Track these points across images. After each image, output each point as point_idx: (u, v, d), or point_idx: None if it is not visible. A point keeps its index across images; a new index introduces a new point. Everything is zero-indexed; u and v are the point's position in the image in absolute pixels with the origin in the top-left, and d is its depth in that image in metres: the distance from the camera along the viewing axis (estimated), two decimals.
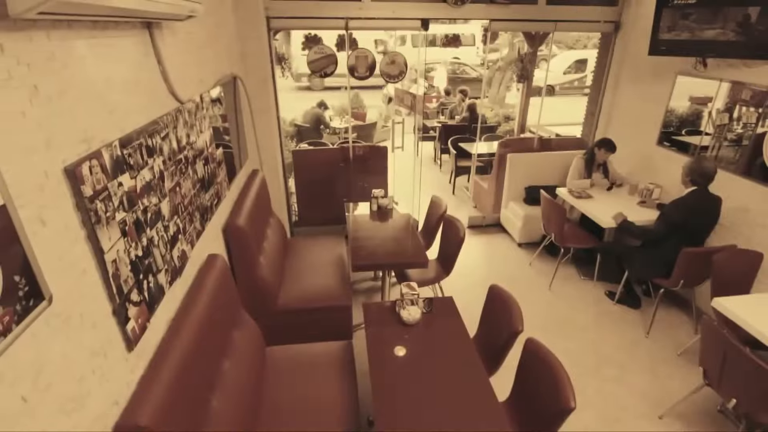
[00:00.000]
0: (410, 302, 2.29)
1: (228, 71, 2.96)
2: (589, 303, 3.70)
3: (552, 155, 4.55)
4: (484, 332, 2.45)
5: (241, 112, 3.26)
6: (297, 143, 6.39)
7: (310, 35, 4.22)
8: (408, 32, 16.44)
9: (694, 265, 2.99)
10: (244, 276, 2.70)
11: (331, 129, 7.15)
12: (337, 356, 2.46)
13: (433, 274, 3.26)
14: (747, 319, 2.29)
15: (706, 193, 3.04)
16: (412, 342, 2.16)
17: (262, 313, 2.79)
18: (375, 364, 2.01)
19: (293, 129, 6.99)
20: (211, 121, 2.45)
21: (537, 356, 1.94)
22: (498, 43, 13.17)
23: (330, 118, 7.35)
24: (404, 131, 7.98)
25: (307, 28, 3.91)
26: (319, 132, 7.05)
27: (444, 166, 7.24)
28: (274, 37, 5.52)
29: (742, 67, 3.01)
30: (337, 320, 2.89)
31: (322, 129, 7.13)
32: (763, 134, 2.89)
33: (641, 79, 4.00)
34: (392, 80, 4.01)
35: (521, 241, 4.53)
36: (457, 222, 3.16)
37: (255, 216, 2.95)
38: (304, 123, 7.10)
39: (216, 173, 2.46)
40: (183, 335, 1.69)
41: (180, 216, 1.88)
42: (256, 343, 2.33)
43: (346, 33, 3.79)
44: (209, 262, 2.14)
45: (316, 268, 3.25)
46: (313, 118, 7.06)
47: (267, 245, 3.05)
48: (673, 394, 2.78)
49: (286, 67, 6.03)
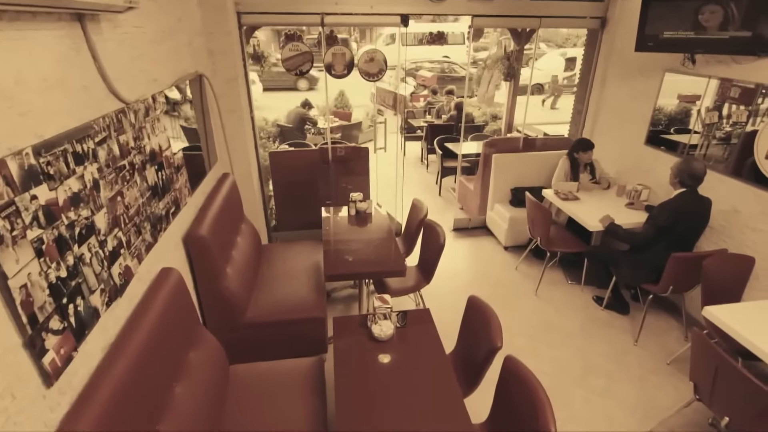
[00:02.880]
0: (383, 316, 2.13)
1: (192, 69, 2.79)
2: (577, 308, 3.58)
3: (538, 155, 4.42)
4: (463, 347, 2.30)
5: (208, 112, 3.08)
6: (280, 144, 6.21)
7: (290, 32, 4.04)
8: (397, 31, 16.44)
9: (683, 271, 2.87)
10: (208, 289, 2.53)
11: (316, 129, 6.98)
12: (307, 374, 2.29)
13: (412, 282, 3.10)
14: (739, 329, 2.16)
15: (696, 195, 2.92)
16: (383, 360, 2.00)
17: (228, 328, 2.63)
18: (341, 386, 1.86)
19: (276, 130, 6.80)
20: (168, 123, 2.27)
21: (516, 376, 1.79)
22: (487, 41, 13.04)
23: (314, 116, 7.18)
24: (387, 131, 7.81)
25: (282, 25, 3.75)
26: (303, 132, 6.87)
27: (431, 166, 7.10)
28: (253, 35, 5.35)
29: (732, 63, 2.89)
30: (310, 333, 2.73)
31: (307, 129, 6.95)
32: (754, 133, 2.78)
33: (629, 76, 3.88)
34: (371, 78, 3.85)
35: (507, 244, 4.40)
36: (437, 227, 3.01)
37: (222, 223, 2.78)
38: (287, 123, 6.91)
39: (174, 179, 2.29)
40: (123, 362, 1.52)
41: (123, 228, 1.71)
42: (217, 363, 2.16)
43: (322, 29, 3.63)
44: (162, 277, 1.97)
45: (290, 277, 3.08)
46: (296, 118, 6.88)
47: (236, 254, 2.88)
48: (662, 406, 2.65)
49: (266, 67, 5.86)
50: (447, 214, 5.05)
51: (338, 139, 7.12)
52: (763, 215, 2.77)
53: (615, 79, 4.08)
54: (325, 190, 4.36)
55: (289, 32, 4.04)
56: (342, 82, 9.03)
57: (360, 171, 4.48)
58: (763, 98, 2.73)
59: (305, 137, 6.71)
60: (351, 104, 8.51)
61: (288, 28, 4.13)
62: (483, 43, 14.74)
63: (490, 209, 4.63)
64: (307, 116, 6.84)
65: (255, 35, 5.61)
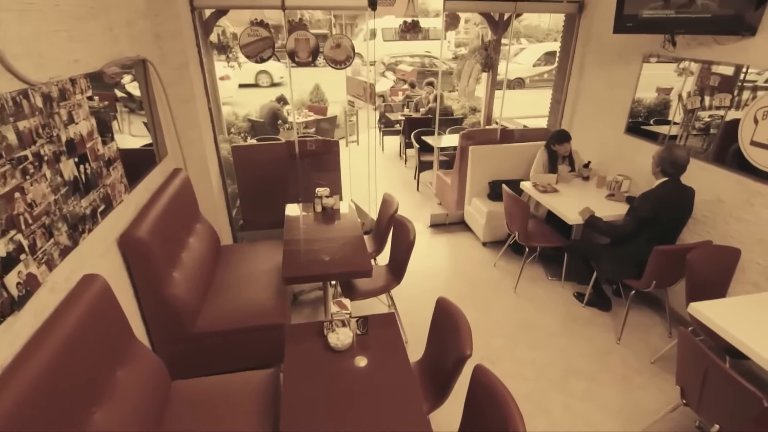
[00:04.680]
0: (341, 323, 1.91)
1: (132, 53, 2.51)
2: (558, 305, 3.41)
3: (516, 147, 4.25)
4: (431, 354, 2.10)
5: (155, 101, 2.81)
6: (251, 140, 5.92)
7: (255, 20, 3.77)
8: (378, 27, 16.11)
9: (666, 265, 2.72)
10: (150, 297, 2.27)
11: (289, 124, 6.70)
12: (261, 389, 2.07)
13: (382, 283, 2.89)
14: (726, 326, 2.00)
15: (679, 185, 2.76)
16: (340, 373, 1.78)
17: (175, 339, 2.38)
18: (289, 404, 1.63)
19: (247, 125, 6.50)
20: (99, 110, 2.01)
21: (486, 388, 1.59)
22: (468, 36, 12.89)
23: (288, 113, 6.89)
24: (359, 124, 7.59)
25: (239, 8, 3.48)
26: (276, 128, 6.58)
27: (410, 161, 6.91)
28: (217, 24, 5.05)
29: (714, 44, 2.74)
30: (269, 342, 2.49)
31: (280, 124, 6.66)
32: (734, 122, 2.64)
33: (607, 62, 3.72)
34: (338, 66, 3.61)
35: (486, 240, 4.21)
36: (407, 222, 2.80)
37: (169, 223, 2.52)
38: (260, 118, 6.62)
39: (103, 173, 2.02)
40: (18, 389, 1.27)
41: (24, 230, 1.45)
42: (154, 381, 1.92)
43: (284, 13, 3.37)
44: (83, 286, 1.71)
45: (249, 280, 2.83)
46: (269, 113, 6.59)
47: (187, 257, 2.62)
48: (647, 409, 2.49)
49: (232, 57, 5.56)
50: (425, 210, 4.84)
51: (313, 134, 6.86)
52: (747, 204, 2.63)
53: (593, 66, 3.93)
54: (294, 187, 4.11)
55: (256, 20, 3.78)
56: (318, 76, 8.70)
57: (331, 166, 4.25)
58: (743, 83, 2.59)
59: (278, 133, 6.43)
60: (327, 99, 8.23)
61: (255, 17, 3.87)
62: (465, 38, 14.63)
63: (468, 204, 4.44)
64: (280, 111, 6.56)
65: (220, 24, 5.33)
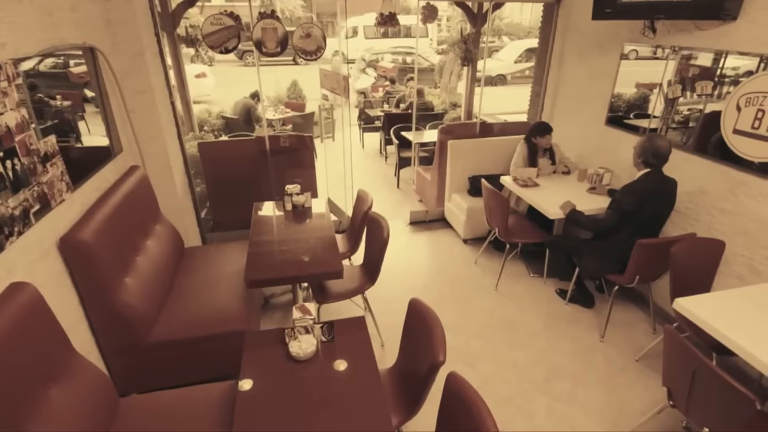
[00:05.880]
0: (303, 330, 1.75)
1: (77, 39, 2.31)
2: (540, 303, 3.30)
3: (496, 141, 4.14)
4: (404, 361, 1.95)
5: (107, 93, 2.61)
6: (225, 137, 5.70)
7: (226, 12, 3.57)
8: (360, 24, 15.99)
9: (650, 259, 2.62)
10: (97, 305, 2.08)
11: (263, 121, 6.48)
12: (219, 403, 1.90)
13: (356, 284, 2.73)
14: (712, 321, 1.90)
15: (661, 176, 2.67)
16: (301, 385, 1.63)
17: (128, 350, 2.19)
18: (241, 422, 1.47)
19: (221, 122, 6.27)
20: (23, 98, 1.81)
21: (459, 397, 1.45)
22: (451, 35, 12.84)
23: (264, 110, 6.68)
24: (336, 122, 7.41)
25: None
26: (251, 125, 6.37)
27: (390, 158, 6.76)
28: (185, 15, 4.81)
29: (694, 30, 2.65)
30: (233, 351, 2.30)
31: (256, 122, 6.45)
32: (714, 113, 2.56)
33: (587, 52, 3.62)
34: (309, 57, 3.44)
35: (466, 236, 4.09)
36: (381, 220, 2.65)
37: (122, 224, 2.32)
38: (234, 115, 6.39)
39: (37, 170, 1.82)
40: None
41: None
42: (97, 397, 1.73)
43: (249, 2, 3.19)
44: (8, 296, 1.52)
45: (213, 284, 2.65)
46: (243, 109, 6.37)
47: (143, 260, 2.43)
48: (632, 410, 2.39)
49: (202, 51, 5.32)
50: (405, 208, 4.70)
51: (290, 131, 6.67)
52: (731, 194, 2.55)
53: (573, 57, 3.83)
54: (267, 185, 3.93)
55: (225, 12, 3.58)
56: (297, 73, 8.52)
57: (306, 163, 4.07)
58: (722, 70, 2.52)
59: (254, 130, 6.21)
60: (305, 95, 8.03)
61: (225, 9, 3.67)
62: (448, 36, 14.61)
63: (448, 200, 4.32)
64: (254, 108, 6.34)
65: (187, 16, 5.10)
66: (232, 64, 15.83)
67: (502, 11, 19.01)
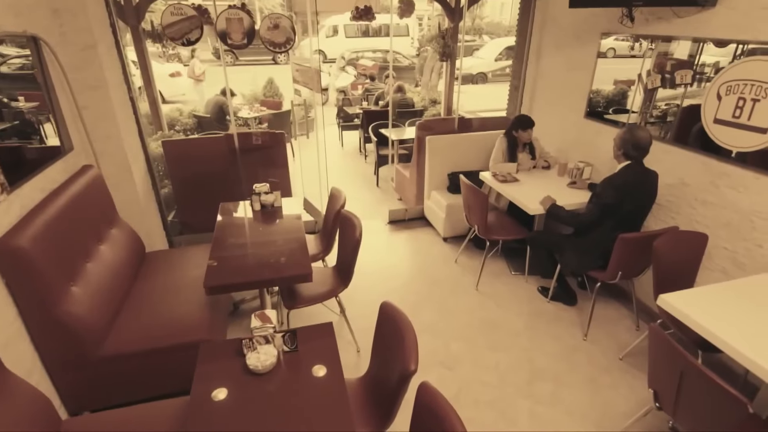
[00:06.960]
0: (263, 340, 1.60)
1: (16, 27, 2.11)
2: (522, 302, 3.20)
3: (475, 136, 4.03)
4: (376, 368, 1.82)
5: (53, 88, 2.41)
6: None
7: (194, 5, 3.37)
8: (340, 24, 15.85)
9: (632, 254, 2.54)
10: (36, 316, 1.89)
11: (239, 119, 6.29)
12: (175, 420, 1.73)
13: (328, 287, 2.59)
14: (697, 318, 1.82)
15: (642, 168, 2.60)
16: (260, 400, 1.48)
17: (75, 365, 2.01)
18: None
19: (192, 121, 6.04)
20: None
21: (430, 409, 1.32)
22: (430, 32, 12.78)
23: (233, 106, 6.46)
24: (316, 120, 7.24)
25: None
26: (224, 123, 6.15)
27: (369, 156, 6.62)
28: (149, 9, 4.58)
29: (673, 18, 2.58)
30: (190, 363, 2.14)
31: (228, 120, 6.24)
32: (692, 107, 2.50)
33: (565, 44, 3.54)
34: (278, 49, 3.28)
35: (446, 235, 3.98)
36: (353, 218, 2.51)
37: (69, 228, 2.13)
38: (206, 113, 6.17)
39: None
40: None
41: None
42: (33, 420, 1.55)
43: None
44: None
45: (174, 291, 2.48)
46: (215, 107, 6.15)
47: (94, 267, 2.24)
48: (617, 412, 2.30)
49: (168, 47, 5.09)
50: (385, 207, 4.57)
51: (265, 129, 6.47)
52: (712, 186, 2.48)
53: (551, 49, 3.75)
54: (238, 185, 3.75)
55: (193, 5, 3.38)
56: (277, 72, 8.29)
57: (279, 161, 3.91)
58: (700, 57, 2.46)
59: (227, 128, 6.00)
60: (282, 93, 7.82)
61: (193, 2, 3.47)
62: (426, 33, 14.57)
63: (427, 198, 4.20)
64: (226, 105, 6.12)
65: (152, 9, 4.86)
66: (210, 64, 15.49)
67: (483, 11, 19.03)
